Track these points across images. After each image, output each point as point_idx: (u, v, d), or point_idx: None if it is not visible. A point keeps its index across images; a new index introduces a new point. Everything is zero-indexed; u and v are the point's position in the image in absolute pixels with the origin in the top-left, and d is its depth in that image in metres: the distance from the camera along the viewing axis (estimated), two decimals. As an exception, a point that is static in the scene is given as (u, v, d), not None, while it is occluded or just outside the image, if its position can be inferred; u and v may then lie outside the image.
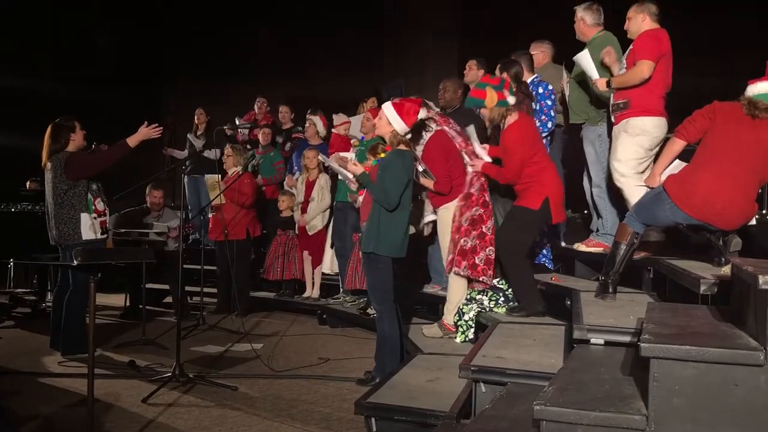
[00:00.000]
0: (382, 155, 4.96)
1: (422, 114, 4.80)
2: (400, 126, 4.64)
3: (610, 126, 5.20)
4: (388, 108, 4.70)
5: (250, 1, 11.68)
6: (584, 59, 5.03)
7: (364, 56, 11.56)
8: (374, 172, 4.84)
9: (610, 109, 4.99)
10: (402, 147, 4.69)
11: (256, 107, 9.36)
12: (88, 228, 5.60)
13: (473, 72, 6.41)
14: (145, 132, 5.69)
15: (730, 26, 7.36)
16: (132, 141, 5.67)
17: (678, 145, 4.04)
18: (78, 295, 5.60)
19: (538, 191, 4.82)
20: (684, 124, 3.99)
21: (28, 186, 8.90)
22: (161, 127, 5.81)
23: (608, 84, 4.86)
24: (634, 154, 4.77)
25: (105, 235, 5.76)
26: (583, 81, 5.38)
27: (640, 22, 4.84)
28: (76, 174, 5.56)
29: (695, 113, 3.98)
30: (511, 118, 4.93)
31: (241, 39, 12.05)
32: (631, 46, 4.85)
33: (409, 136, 4.75)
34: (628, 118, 4.77)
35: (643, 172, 4.76)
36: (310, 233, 7.54)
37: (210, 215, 7.79)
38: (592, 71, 4.99)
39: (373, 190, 4.66)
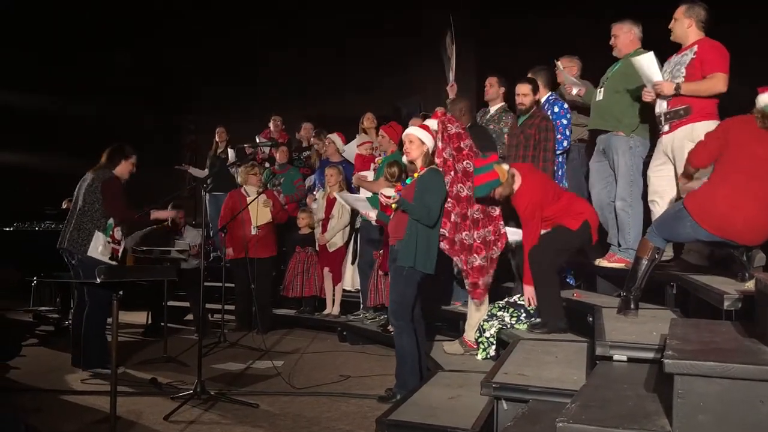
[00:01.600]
0: (415, 175, 4.93)
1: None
2: (432, 143, 4.78)
3: (647, 138, 5.21)
4: (417, 130, 4.78)
5: (267, 21, 11.79)
6: (649, 61, 4.82)
7: (381, 73, 11.59)
8: (407, 191, 4.87)
9: (663, 117, 4.84)
10: (434, 165, 4.81)
11: (271, 125, 9.45)
12: (99, 247, 5.70)
13: (494, 90, 6.39)
14: (171, 214, 6.37)
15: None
16: (156, 214, 6.12)
17: (692, 170, 4.03)
18: (95, 311, 5.70)
19: (576, 214, 4.83)
20: (697, 147, 3.96)
21: (64, 205, 8.99)
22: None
23: (677, 88, 4.67)
24: None
25: (114, 262, 5.80)
26: (621, 87, 5.27)
27: (686, 27, 4.77)
28: (106, 196, 5.76)
29: (707, 136, 3.95)
30: (517, 184, 4.90)
31: (259, 57, 12.15)
32: (692, 54, 4.72)
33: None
34: (692, 124, 4.64)
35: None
36: (330, 250, 7.56)
37: (254, 233, 7.68)
38: (656, 74, 4.78)
39: (412, 209, 4.68)
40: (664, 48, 4.95)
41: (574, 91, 5.63)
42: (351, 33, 11.35)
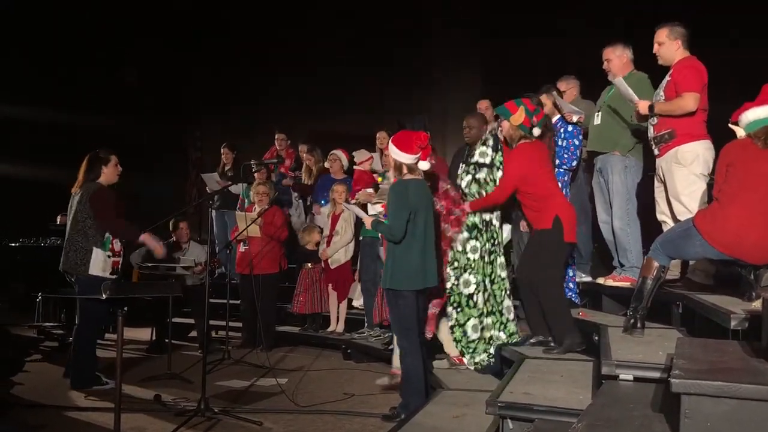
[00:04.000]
0: None
1: (425, 166, 4.75)
2: (404, 157, 4.60)
3: (643, 159, 5.28)
4: (389, 144, 4.72)
5: (274, 38, 11.87)
6: (620, 85, 5.00)
7: (386, 91, 11.65)
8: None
9: (652, 142, 4.95)
10: (408, 176, 4.64)
11: (276, 143, 9.46)
12: (99, 264, 5.61)
13: (490, 112, 6.49)
14: (157, 248, 5.90)
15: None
16: (144, 237, 5.82)
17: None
18: (88, 327, 5.69)
19: (547, 213, 4.84)
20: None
21: (58, 220, 9.03)
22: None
23: (650, 108, 4.81)
24: (696, 184, 4.74)
25: (114, 276, 5.70)
26: (617, 110, 5.37)
27: (674, 50, 4.83)
28: (95, 209, 5.64)
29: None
30: (523, 142, 5.01)
31: (264, 75, 12.21)
32: (669, 76, 4.83)
33: (419, 164, 4.68)
34: (677, 147, 4.74)
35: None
36: (332, 266, 7.57)
37: (243, 249, 7.75)
38: (632, 94, 4.93)
39: (382, 232, 4.68)
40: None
41: (575, 118, 5.66)
42: (356, 51, 11.41)
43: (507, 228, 5.38)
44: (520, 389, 3.76)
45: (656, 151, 4.94)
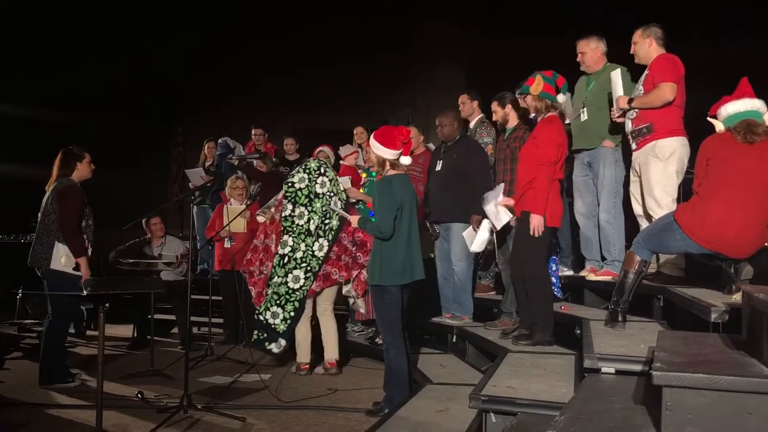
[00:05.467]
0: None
1: (407, 161, 4.74)
2: (386, 153, 4.61)
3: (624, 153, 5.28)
4: (371, 139, 4.72)
5: (256, 34, 11.82)
6: (616, 77, 5.02)
7: (370, 86, 11.65)
8: None
9: (630, 136, 4.99)
10: (391, 172, 4.66)
11: (253, 137, 9.29)
12: (62, 258, 5.59)
13: (468, 106, 6.49)
14: (84, 274, 5.59)
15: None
16: (81, 260, 5.60)
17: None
18: (59, 324, 5.67)
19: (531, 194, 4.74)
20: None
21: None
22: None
23: (629, 102, 4.86)
24: (671, 179, 4.79)
25: (78, 273, 5.62)
26: (602, 104, 5.38)
27: (647, 47, 4.94)
28: (60, 206, 5.63)
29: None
30: (551, 113, 4.85)
31: (248, 70, 12.16)
32: (647, 71, 4.90)
33: (401, 159, 4.68)
34: (655, 141, 4.79)
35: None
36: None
37: (228, 245, 7.63)
38: (619, 90, 4.99)
39: (370, 230, 4.69)
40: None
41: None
42: (342, 46, 11.39)
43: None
44: (503, 383, 3.78)
45: (634, 145, 4.99)
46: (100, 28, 11.43)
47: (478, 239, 5.49)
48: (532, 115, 5.22)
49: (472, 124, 6.55)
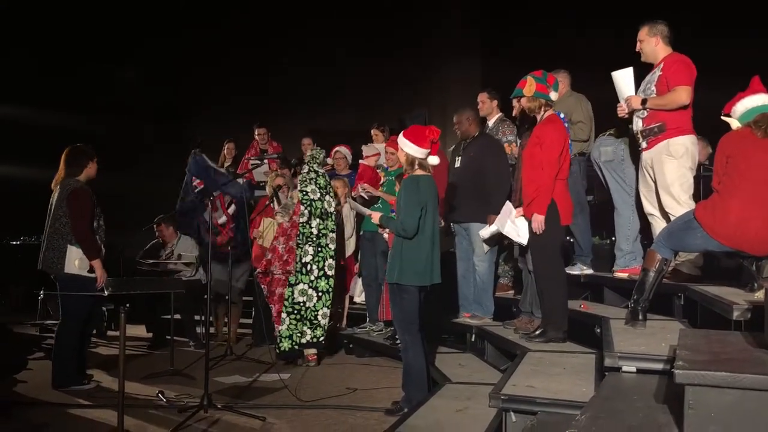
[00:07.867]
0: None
1: (435, 161, 4.74)
2: (415, 151, 4.59)
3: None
4: (400, 138, 4.70)
5: (273, 34, 11.85)
6: (626, 76, 4.96)
7: (386, 86, 11.64)
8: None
9: (640, 135, 4.95)
10: (418, 172, 4.64)
11: (257, 137, 9.10)
12: (75, 261, 5.51)
13: (487, 105, 6.46)
14: (100, 277, 5.48)
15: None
16: (95, 263, 5.49)
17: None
18: (70, 326, 5.58)
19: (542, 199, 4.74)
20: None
21: None
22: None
23: (643, 103, 4.82)
24: (687, 176, 4.76)
25: (92, 275, 5.52)
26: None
27: (654, 46, 4.91)
28: (71, 209, 5.53)
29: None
30: (549, 113, 4.86)
31: (260, 70, 12.17)
32: (658, 70, 4.85)
33: (429, 159, 4.67)
34: (667, 140, 4.75)
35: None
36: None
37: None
38: (630, 89, 4.93)
39: (393, 228, 4.67)
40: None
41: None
42: (357, 46, 11.40)
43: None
44: (522, 382, 3.76)
45: (643, 144, 4.94)
46: (114, 29, 11.51)
47: (489, 229, 5.56)
48: (527, 111, 5.18)
49: (491, 123, 6.51)
